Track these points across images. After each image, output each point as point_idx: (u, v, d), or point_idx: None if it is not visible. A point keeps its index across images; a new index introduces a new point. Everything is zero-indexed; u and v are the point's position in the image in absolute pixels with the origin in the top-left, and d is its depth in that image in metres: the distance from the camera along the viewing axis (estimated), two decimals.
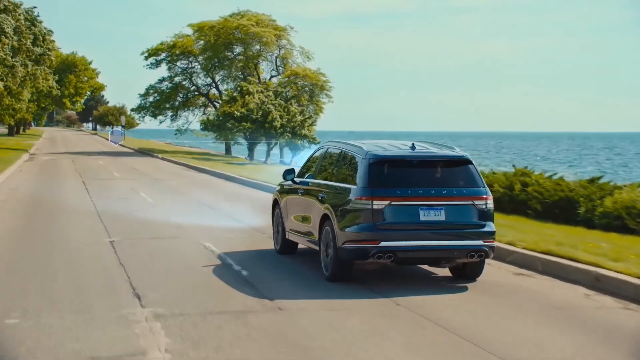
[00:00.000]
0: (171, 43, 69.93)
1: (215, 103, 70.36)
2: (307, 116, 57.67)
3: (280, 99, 57.98)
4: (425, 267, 11.88)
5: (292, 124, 55.74)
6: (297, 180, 12.58)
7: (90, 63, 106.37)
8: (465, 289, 10.53)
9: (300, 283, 10.75)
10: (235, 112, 55.38)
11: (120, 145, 71.39)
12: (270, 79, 68.68)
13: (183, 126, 72.08)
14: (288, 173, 12.90)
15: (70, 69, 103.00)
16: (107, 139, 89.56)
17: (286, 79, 67.42)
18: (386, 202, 10.20)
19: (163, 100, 70.74)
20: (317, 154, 12.66)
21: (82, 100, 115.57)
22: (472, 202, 10.42)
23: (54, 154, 52.30)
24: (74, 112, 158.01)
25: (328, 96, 68.40)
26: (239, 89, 58.67)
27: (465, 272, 11.03)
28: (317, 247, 11.34)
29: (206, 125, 59.75)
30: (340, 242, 10.43)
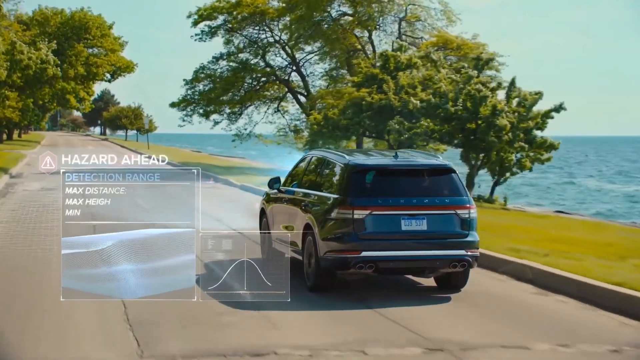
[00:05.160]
0: (234, 0, 47.26)
1: (300, 94, 48.55)
2: (550, 109, 29.20)
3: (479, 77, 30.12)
4: (410, 276, 11.97)
5: (525, 123, 28.87)
6: (283, 189, 12.72)
7: (110, 27, 65.71)
8: (448, 299, 10.67)
9: None
10: (411, 102, 30.49)
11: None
12: None
13: (245, 128, 48.82)
14: (274, 182, 13.06)
15: (77, 34, 63.08)
16: (121, 146, 70.20)
17: (423, 51, 38.53)
18: (367, 212, 10.33)
19: (221, 90, 46.86)
20: (303, 162, 12.79)
21: (96, 94, 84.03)
22: (454, 212, 10.54)
23: (52, 177, 25.66)
24: (80, 115, 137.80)
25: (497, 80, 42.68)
26: (383, 58, 34.21)
27: (450, 281, 11.14)
28: (300, 257, 11.46)
29: (319, 129, 35.11)
30: (321, 252, 10.57)
